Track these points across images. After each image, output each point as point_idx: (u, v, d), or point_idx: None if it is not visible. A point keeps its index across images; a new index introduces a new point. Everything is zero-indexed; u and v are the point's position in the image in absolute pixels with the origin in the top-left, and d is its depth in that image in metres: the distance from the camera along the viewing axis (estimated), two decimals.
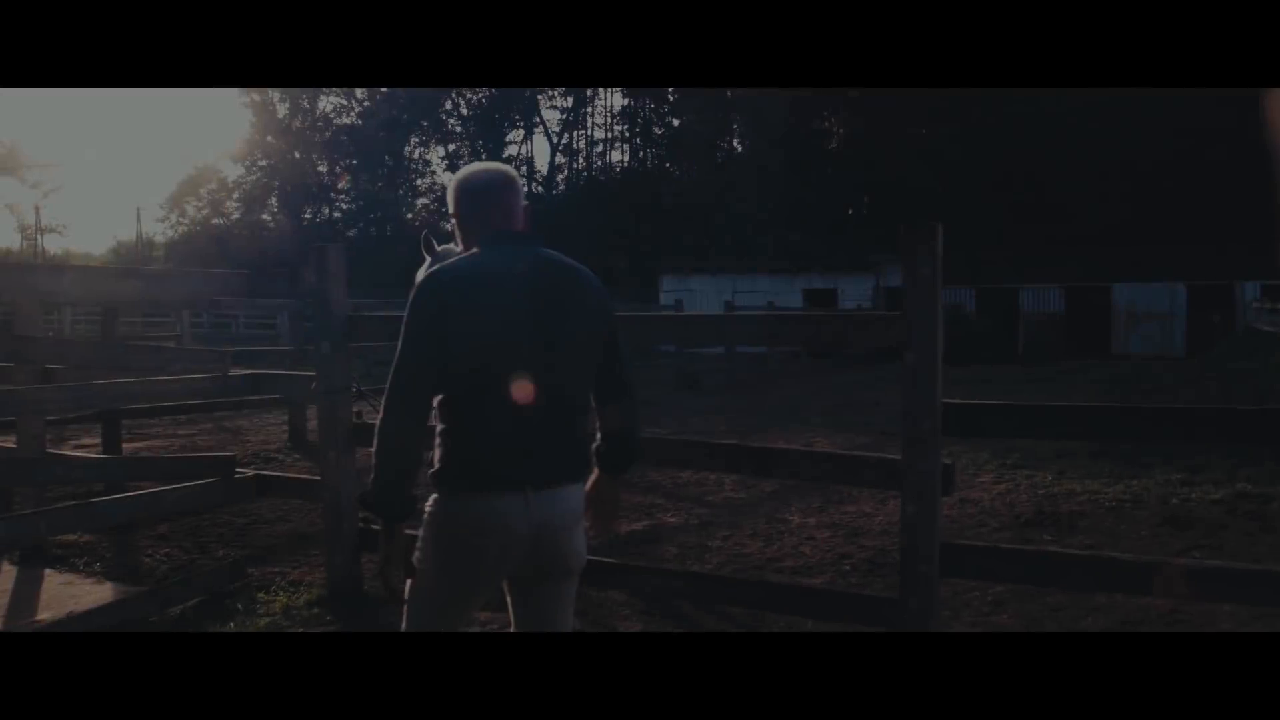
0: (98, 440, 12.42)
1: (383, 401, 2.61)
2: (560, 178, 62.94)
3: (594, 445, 2.94)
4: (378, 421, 2.61)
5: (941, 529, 3.93)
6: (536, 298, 2.63)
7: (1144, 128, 37.86)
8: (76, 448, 11.92)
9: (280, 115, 60.85)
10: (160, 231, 67.66)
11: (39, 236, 71.83)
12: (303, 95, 59.43)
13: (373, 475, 2.63)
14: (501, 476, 2.60)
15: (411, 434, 2.61)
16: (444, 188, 60.88)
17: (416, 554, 2.70)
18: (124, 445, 12.39)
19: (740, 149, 56.95)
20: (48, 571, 6.28)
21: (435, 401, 2.66)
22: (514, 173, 2.92)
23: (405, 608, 2.76)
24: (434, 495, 2.68)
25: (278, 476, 5.73)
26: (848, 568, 6.17)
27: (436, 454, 2.66)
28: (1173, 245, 32.59)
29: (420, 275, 3.69)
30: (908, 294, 3.80)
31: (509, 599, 2.85)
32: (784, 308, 29.71)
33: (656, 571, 4.38)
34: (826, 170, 52.33)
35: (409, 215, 57.33)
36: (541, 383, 2.60)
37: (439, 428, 2.68)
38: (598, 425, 2.95)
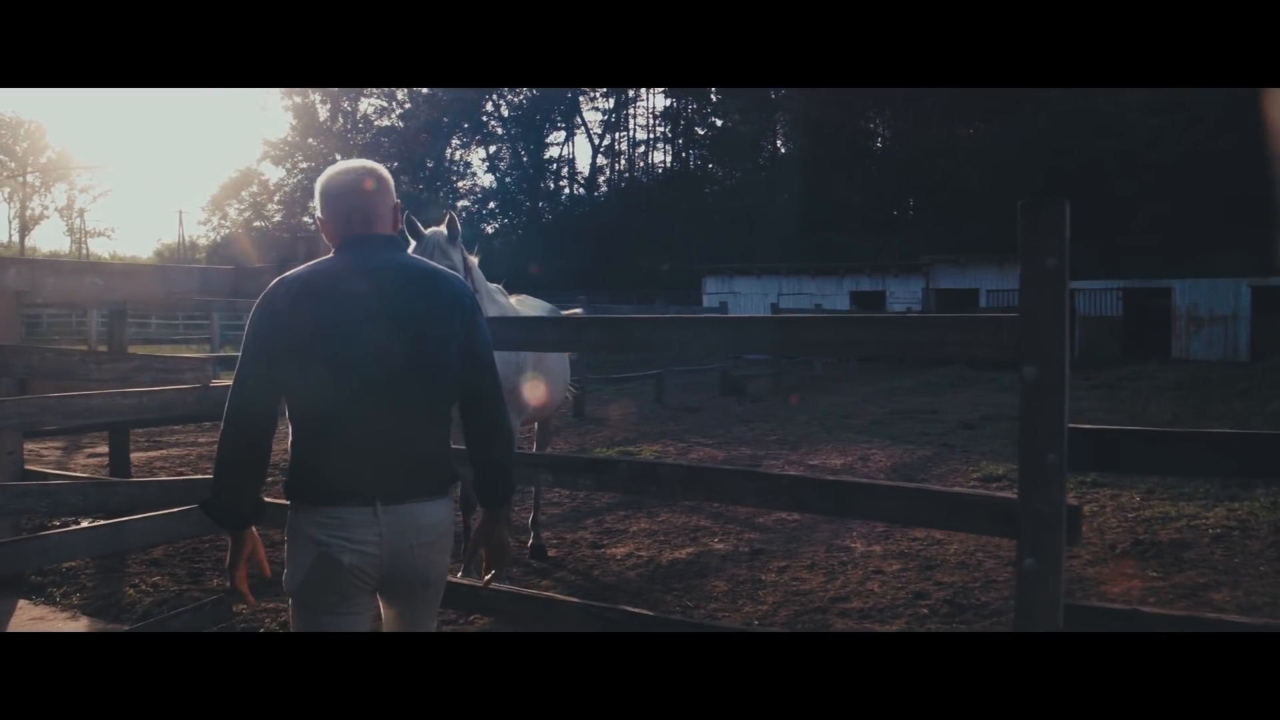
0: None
1: (224, 414, 2.53)
2: (602, 179, 62.39)
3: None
4: (219, 435, 2.55)
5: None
6: (383, 306, 2.50)
7: (1204, 122, 36.55)
8: (90, 456, 11.40)
9: (321, 118, 60.74)
10: (203, 234, 68.09)
11: (84, 240, 72.68)
12: (343, 97, 59.34)
13: (211, 486, 2.60)
14: (346, 490, 2.49)
15: (249, 449, 2.53)
16: (484, 190, 61.35)
17: (285, 570, 2.61)
18: (143, 454, 11.89)
19: (784, 149, 56.11)
20: (22, 603, 5.62)
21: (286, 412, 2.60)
22: (378, 172, 2.71)
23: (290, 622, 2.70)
24: (289, 508, 2.59)
25: (267, 503, 4.98)
26: (925, 610, 5.34)
27: (289, 465, 2.58)
28: (1235, 244, 31.32)
29: None
30: (1027, 291, 2.97)
31: (382, 610, 2.73)
32: (831, 311, 28.80)
33: (710, 635, 3.56)
34: (872, 170, 51.33)
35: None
36: (387, 394, 2.49)
37: (290, 439, 2.59)
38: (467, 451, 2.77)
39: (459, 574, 6.08)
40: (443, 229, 5.15)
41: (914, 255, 35.99)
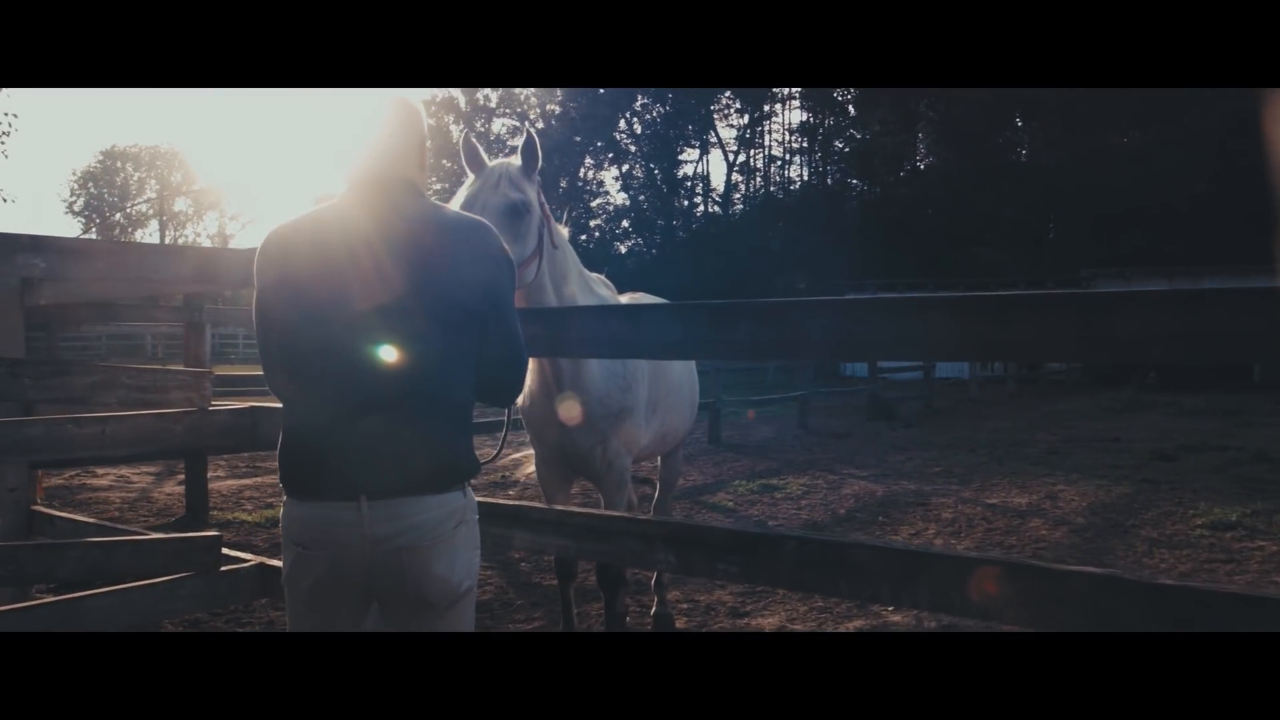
0: (217, 473, 11.14)
1: None
2: (737, 196, 61.01)
3: None
4: None
5: None
6: (389, 263, 2.11)
7: None
8: (180, 484, 10.48)
9: (455, 139, 61.01)
10: None
11: None
12: (476, 118, 59.54)
13: None
14: (328, 481, 2.14)
15: None
16: (617, 208, 60.66)
17: None
18: (235, 482, 10.97)
19: (926, 161, 53.93)
20: None
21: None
22: (405, 104, 2.30)
23: None
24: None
25: None
26: None
27: (279, 450, 2.28)
28: None
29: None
30: None
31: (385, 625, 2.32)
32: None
33: None
34: (1019, 181, 48.69)
35: (583, 237, 56.15)
36: (383, 368, 2.11)
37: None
38: None
39: None
40: (515, 158, 3.72)
41: (1069, 269, 33.61)
